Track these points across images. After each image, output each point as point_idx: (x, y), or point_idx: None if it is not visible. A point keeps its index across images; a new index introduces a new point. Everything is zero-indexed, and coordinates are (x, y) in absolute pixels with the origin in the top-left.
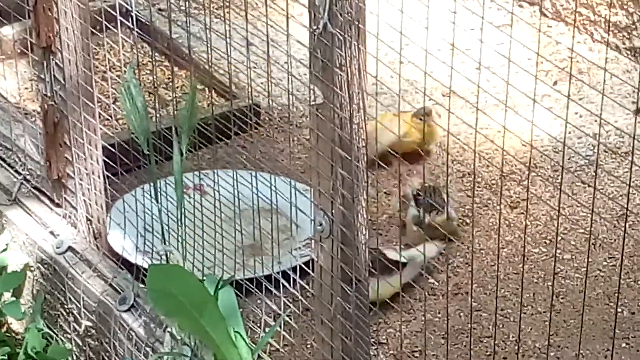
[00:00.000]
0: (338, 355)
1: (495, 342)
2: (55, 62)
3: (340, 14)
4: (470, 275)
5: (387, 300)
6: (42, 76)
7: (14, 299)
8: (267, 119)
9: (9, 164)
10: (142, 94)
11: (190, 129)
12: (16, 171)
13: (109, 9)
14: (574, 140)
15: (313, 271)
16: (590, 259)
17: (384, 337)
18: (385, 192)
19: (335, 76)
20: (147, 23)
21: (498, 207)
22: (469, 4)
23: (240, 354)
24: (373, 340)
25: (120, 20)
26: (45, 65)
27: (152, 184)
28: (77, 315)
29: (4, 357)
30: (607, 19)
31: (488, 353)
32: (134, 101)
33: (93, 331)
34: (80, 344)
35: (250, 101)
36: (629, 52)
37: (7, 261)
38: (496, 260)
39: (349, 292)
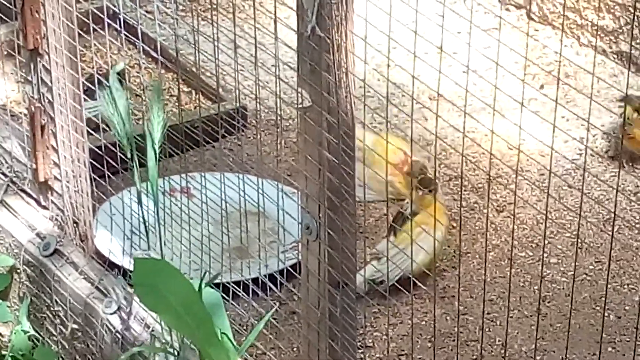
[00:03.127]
0: (325, 358)
1: (482, 346)
2: (42, 64)
3: (328, 17)
4: (457, 278)
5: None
6: (29, 78)
7: (0, 301)
8: (254, 121)
9: None
10: (125, 97)
11: (162, 126)
12: (2, 173)
13: (96, 11)
14: (560, 144)
15: (300, 274)
16: (577, 263)
17: (370, 340)
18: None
19: (323, 79)
20: (135, 25)
21: (485, 211)
22: (457, 7)
23: (226, 353)
24: (360, 343)
25: (108, 23)
26: (32, 67)
27: (136, 187)
28: (64, 318)
29: None
30: (594, 23)
31: (474, 357)
32: (116, 105)
33: (79, 334)
34: (67, 346)
35: (238, 104)
36: (615, 56)
37: None
38: (483, 263)
39: (335, 295)
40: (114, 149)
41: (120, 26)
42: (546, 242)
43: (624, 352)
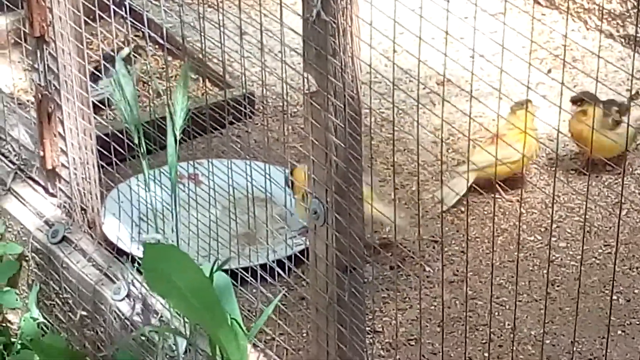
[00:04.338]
0: (333, 343)
1: (491, 330)
2: (49, 52)
3: (334, 2)
4: (465, 263)
5: None
6: (36, 66)
7: (9, 288)
8: (261, 107)
9: (3, 154)
10: (133, 84)
11: (184, 113)
12: (10, 161)
13: None
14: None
15: (308, 259)
16: (585, 247)
17: (379, 325)
18: (379, 180)
19: (329, 64)
20: (141, 12)
21: (493, 195)
22: None
23: (236, 339)
24: (368, 328)
25: (114, 10)
26: (38, 54)
27: (144, 173)
28: (73, 305)
29: None
30: (601, 6)
31: (484, 341)
32: (124, 91)
33: (88, 320)
34: (76, 333)
35: (245, 90)
36: (622, 40)
37: (1, 251)
38: (491, 248)
39: (344, 280)
40: (121, 136)
41: (126, 13)
42: (555, 226)
43: (634, 335)
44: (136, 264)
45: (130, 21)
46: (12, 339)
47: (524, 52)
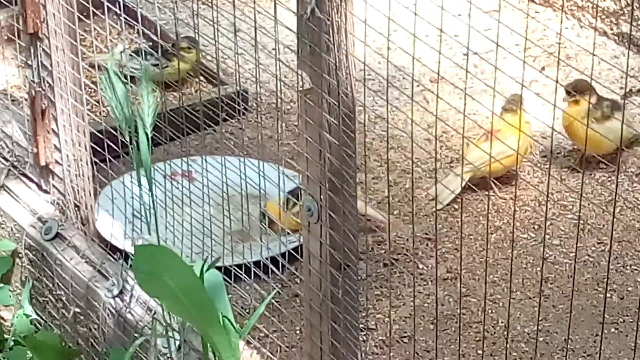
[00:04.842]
0: (327, 340)
1: (485, 328)
2: (43, 49)
3: None
4: (459, 260)
5: None
6: (29, 62)
7: (2, 285)
8: (255, 105)
9: None
10: (124, 81)
11: (152, 110)
12: (3, 158)
13: None
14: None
15: (302, 257)
16: (579, 244)
17: (373, 322)
18: (373, 178)
19: (323, 61)
20: (135, 9)
21: (487, 193)
22: None
23: (228, 337)
24: (362, 325)
25: (108, 7)
26: (32, 51)
27: (137, 171)
28: (66, 302)
29: None
30: (595, 4)
31: (477, 338)
32: (115, 89)
33: (82, 317)
34: (69, 330)
35: (238, 87)
36: (616, 38)
37: None
38: (485, 245)
39: (337, 277)
40: (115, 133)
41: (120, 10)
42: (548, 223)
43: (627, 333)
44: (129, 261)
45: (124, 18)
46: (5, 336)
47: (517, 50)
